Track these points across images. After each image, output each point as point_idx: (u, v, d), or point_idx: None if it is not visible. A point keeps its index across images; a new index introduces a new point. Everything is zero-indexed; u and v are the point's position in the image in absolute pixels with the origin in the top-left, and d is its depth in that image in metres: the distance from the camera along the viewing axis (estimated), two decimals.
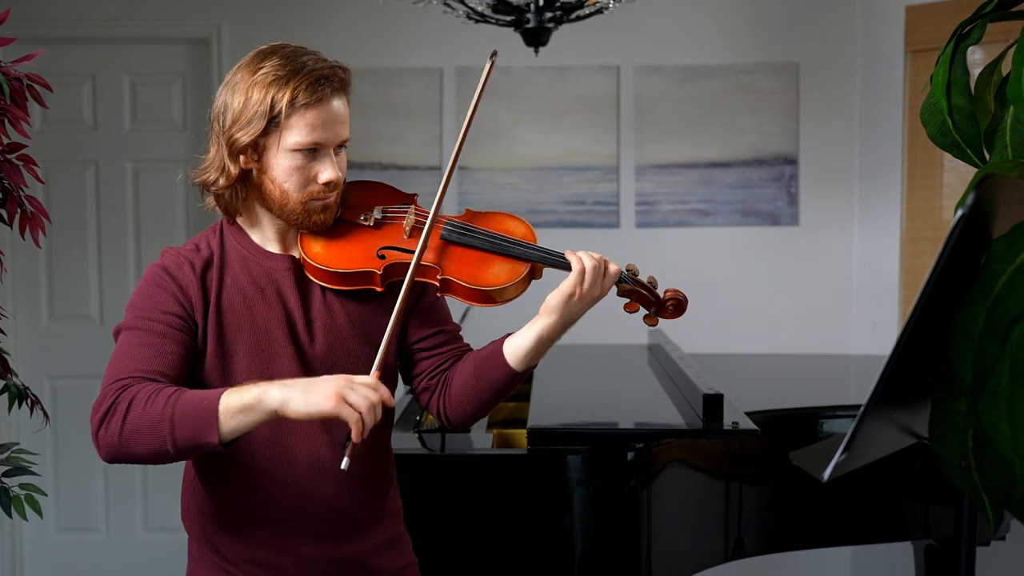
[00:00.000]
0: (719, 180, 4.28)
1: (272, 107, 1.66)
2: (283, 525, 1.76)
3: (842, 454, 1.20)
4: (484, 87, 1.79)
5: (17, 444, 2.18)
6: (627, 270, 1.80)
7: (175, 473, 4.66)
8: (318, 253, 1.75)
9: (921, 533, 2.87)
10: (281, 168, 1.70)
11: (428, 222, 1.75)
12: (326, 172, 1.71)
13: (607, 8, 3.22)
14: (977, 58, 3.44)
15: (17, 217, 2.12)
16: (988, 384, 1.06)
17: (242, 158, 1.71)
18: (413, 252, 1.74)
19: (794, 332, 4.29)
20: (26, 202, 2.13)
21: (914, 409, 1.27)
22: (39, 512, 2.06)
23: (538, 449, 2.34)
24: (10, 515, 2.06)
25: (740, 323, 4.27)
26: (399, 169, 4.26)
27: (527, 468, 2.35)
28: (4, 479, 2.09)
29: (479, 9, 3.21)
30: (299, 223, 1.75)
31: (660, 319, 1.82)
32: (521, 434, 2.66)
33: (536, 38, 3.18)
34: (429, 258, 1.76)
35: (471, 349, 1.88)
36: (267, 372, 1.71)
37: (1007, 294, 1.06)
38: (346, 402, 1.50)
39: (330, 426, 1.72)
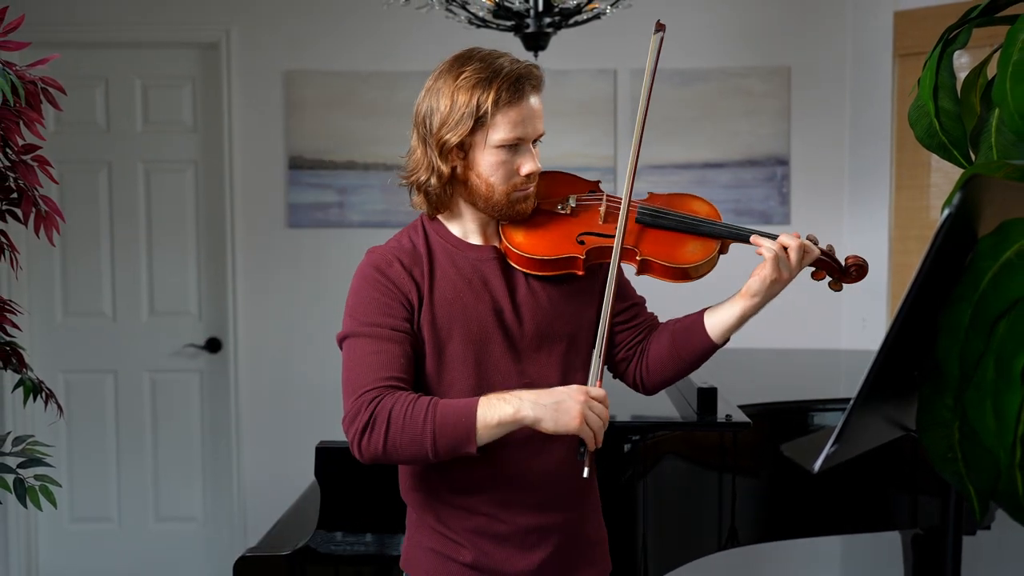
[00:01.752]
0: (713, 180, 4.28)
1: (478, 108, 1.72)
2: (502, 498, 1.80)
3: (832, 446, 1.20)
4: (656, 65, 1.79)
5: (32, 436, 2.18)
6: (809, 239, 1.85)
7: (185, 465, 4.67)
8: (522, 242, 1.80)
9: (909, 523, 2.88)
10: (487, 163, 1.76)
11: (623, 208, 1.81)
12: (527, 164, 1.78)
13: (604, 13, 3.22)
14: (963, 62, 3.44)
15: (32, 216, 2.12)
16: (974, 379, 1.06)
17: (449, 156, 1.77)
18: (610, 236, 1.80)
19: (786, 328, 4.28)
20: (41, 202, 2.13)
21: (902, 403, 1.27)
22: (53, 502, 2.07)
23: None
24: (25, 505, 2.07)
25: None
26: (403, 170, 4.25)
27: None
28: (19, 470, 2.09)
29: (480, 14, 3.21)
30: (503, 214, 1.81)
31: (844, 284, 1.87)
32: None
33: (535, 43, 3.18)
34: (627, 241, 1.82)
35: (657, 319, 1.97)
36: (480, 358, 1.78)
37: (992, 291, 1.06)
38: (586, 423, 1.62)
39: None
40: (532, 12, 3.12)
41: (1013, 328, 1.03)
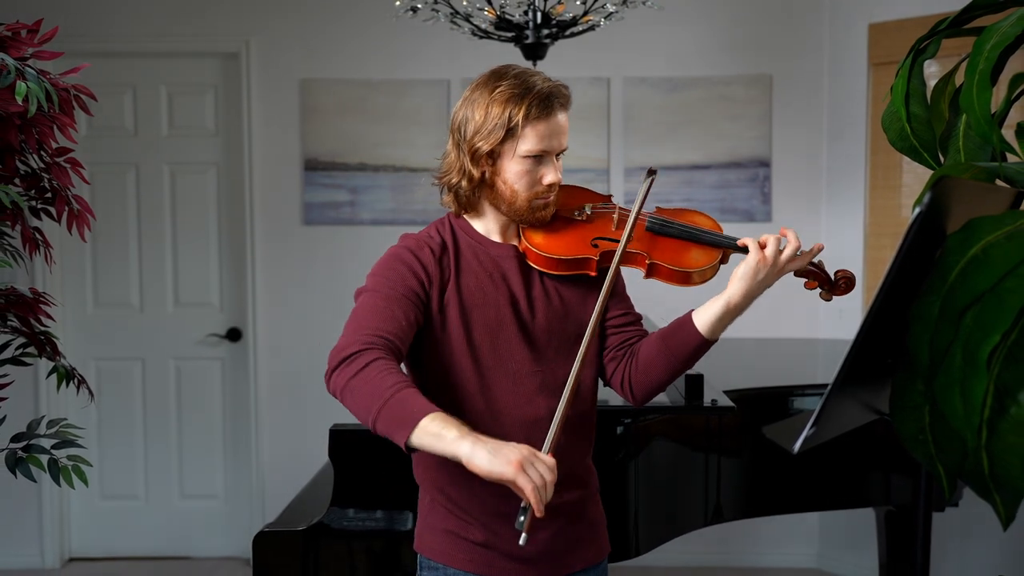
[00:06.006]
0: (700, 181, 4.27)
1: (509, 120, 1.75)
2: None
3: (811, 428, 1.20)
4: (645, 198, 1.84)
5: (65, 419, 2.18)
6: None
7: (208, 446, 4.67)
8: (541, 243, 1.83)
9: (882, 500, 2.88)
10: (513, 172, 1.78)
11: (632, 216, 1.82)
12: (549, 175, 1.80)
13: (599, 25, 3.21)
14: (933, 71, 3.43)
15: (65, 214, 2.12)
16: (943, 366, 1.06)
17: (480, 162, 1.79)
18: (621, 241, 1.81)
19: (768, 318, 4.28)
20: (73, 201, 2.13)
21: (876, 388, 1.27)
22: (85, 481, 2.07)
23: None
24: (59, 484, 2.07)
25: None
26: (410, 171, 4.26)
27: None
28: (53, 451, 2.09)
29: (483, 26, 3.20)
30: (524, 219, 1.83)
31: (833, 295, 1.85)
32: None
33: (534, 52, 3.17)
34: (637, 246, 1.83)
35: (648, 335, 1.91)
36: (496, 343, 1.78)
37: (960, 284, 1.06)
38: (525, 473, 1.45)
39: (547, 390, 1.80)
40: (531, 24, 3.12)
41: (979, 319, 1.03)
